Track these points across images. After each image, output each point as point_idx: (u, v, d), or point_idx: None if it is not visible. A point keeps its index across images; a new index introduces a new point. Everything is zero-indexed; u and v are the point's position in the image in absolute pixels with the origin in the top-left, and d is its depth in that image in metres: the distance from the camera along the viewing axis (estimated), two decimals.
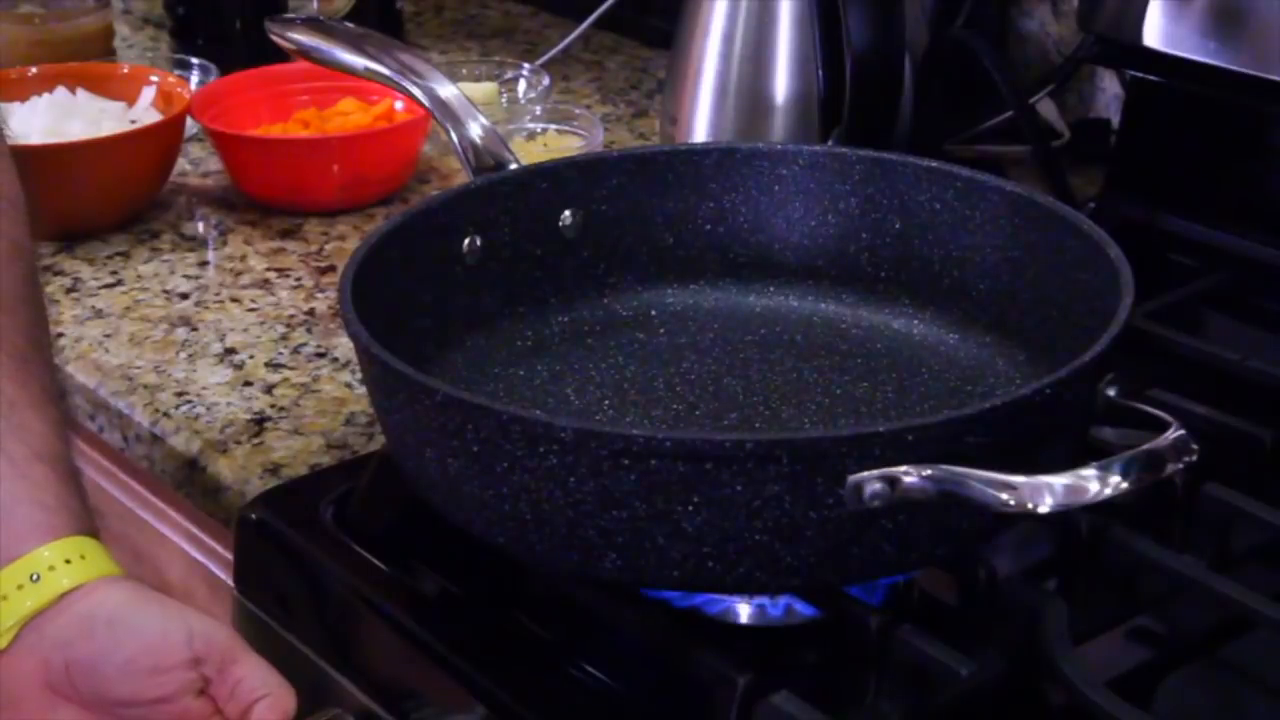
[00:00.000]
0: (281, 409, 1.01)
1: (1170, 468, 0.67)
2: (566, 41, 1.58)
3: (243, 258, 1.22)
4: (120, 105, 1.32)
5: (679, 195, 0.94)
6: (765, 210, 0.94)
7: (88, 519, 0.76)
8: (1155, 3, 1.07)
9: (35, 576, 0.73)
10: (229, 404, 1.02)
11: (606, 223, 0.93)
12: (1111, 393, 0.77)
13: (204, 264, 1.22)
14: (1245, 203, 1.08)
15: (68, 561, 0.73)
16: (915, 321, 0.91)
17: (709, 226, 0.94)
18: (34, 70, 1.34)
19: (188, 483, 0.99)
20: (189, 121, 1.29)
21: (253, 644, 0.85)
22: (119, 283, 1.18)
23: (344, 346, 1.08)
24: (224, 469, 0.96)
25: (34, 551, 0.73)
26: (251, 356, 1.08)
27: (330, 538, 0.85)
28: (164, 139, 1.27)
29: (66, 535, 0.74)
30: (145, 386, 1.04)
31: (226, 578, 0.90)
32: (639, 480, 0.67)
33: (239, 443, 0.98)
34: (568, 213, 0.92)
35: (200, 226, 1.28)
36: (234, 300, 1.15)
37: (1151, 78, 1.11)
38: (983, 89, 1.18)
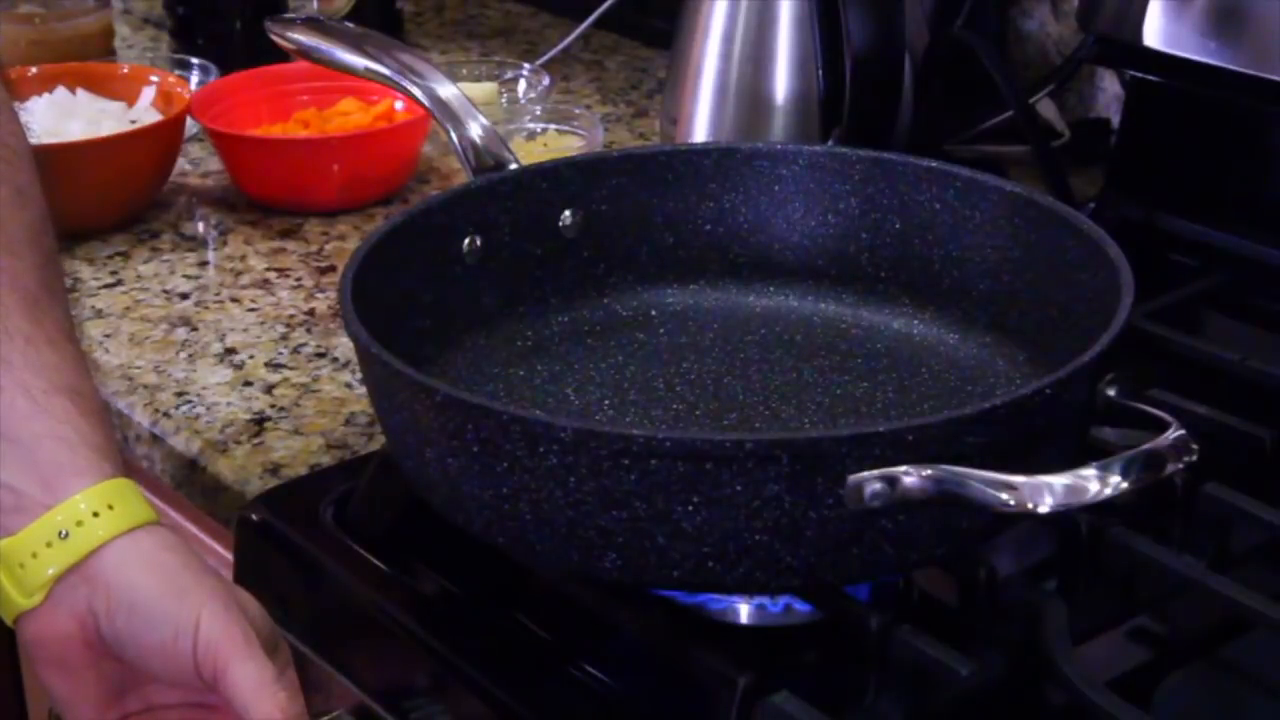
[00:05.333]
0: (281, 409, 1.01)
1: (1170, 468, 0.67)
2: (566, 41, 1.58)
3: (243, 258, 1.22)
4: (120, 105, 1.32)
5: (679, 195, 0.94)
6: (765, 210, 0.94)
7: (114, 455, 0.74)
8: (1155, 3, 1.07)
9: (64, 533, 0.71)
10: (229, 404, 1.02)
11: (606, 223, 0.93)
12: (1111, 393, 0.77)
13: (204, 264, 1.22)
14: (1245, 203, 1.08)
15: (96, 514, 0.72)
16: (915, 321, 0.91)
17: (709, 226, 0.94)
18: (34, 70, 1.34)
19: (188, 483, 0.99)
20: (189, 121, 1.29)
21: None
22: (119, 283, 1.19)
23: (344, 346, 1.08)
24: (224, 469, 0.96)
25: (61, 505, 0.72)
26: (251, 356, 1.08)
27: (330, 538, 0.85)
28: (164, 139, 1.27)
29: (94, 481, 0.72)
30: (145, 386, 1.04)
31: (226, 577, 0.90)
32: (639, 480, 0.67)
33: (239, 443, 0.98)
34: (568, 213, 0.92)
35: (200, 226, 1.28)
36: (234, 300, 1.15)
37: (1151, 78, 1.11)
38: (983, 89, 1.18)
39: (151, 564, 0.73)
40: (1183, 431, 0.68)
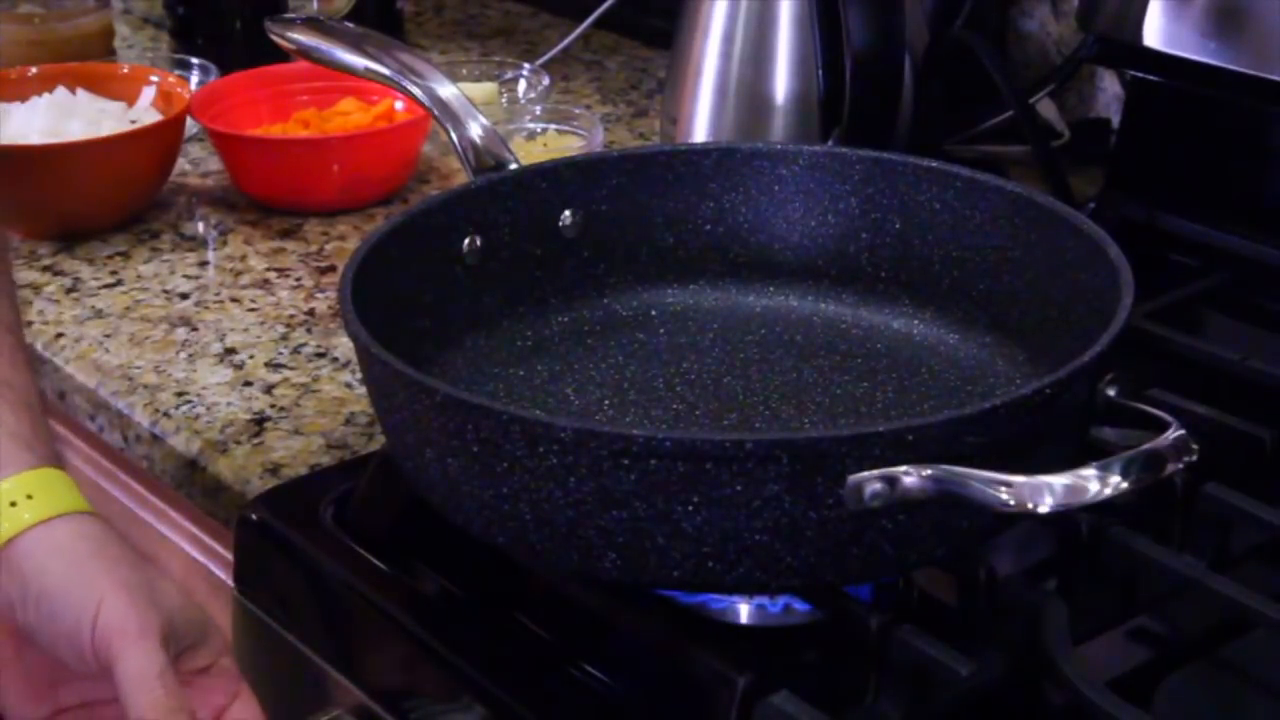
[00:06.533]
0: (281, 409, 1.01)
1: (1170, 468, 0.67)
2: (566, 41, 1.58)
3: (243, 258, 1.22)
4: (120, 105, 1.32)
5: (679, 195, 0.94)
6: (765, 210, 0.94)
7: (41, 446, 0.74)
8: (1155, 3, 1.07)
9: None
10: (229, 404, 1.02)
11: (606, 223, 0.93)
12: (1111, 393, 0.77)
13: (204, 264, 1.22)
14: (1245, 203, 1.08)
15: (13, 504, 0.71)
16: (915, 321, 0.91)
17: (709, 226, 0.94)
18: (34, 70, 1.34)
19: (188, 483, 0.99)
20: (189, 121, 1.29)
21: (253, 644, 0.85)
22: (119, 283, 1.18)
23: (344, 346, 1.08)
24: (224, 469, 0.96)
25: None
26: (251, 356, 1.08)
27: (330, 538, 0.85)
28: (164, 139, 1.27)
29: (14, 471, 0.72)
30: (145, 386, 1.04)
31: (226, 578, 0.90)
32: (639, 480, 0.67)
33: (239, 443, 0.98)
34: (568, 213, 0.92)
35: (200, 226, 1.28)
36: (234, 300, 1.15)
37: (1151, 78, 1.11)
38: (983, 89, 1.18)
39: (62, 552, 0.72)
40: (1183, 431, 0.68)
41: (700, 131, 1.16)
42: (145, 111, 1.32)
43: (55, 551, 0.72)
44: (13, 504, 0.72)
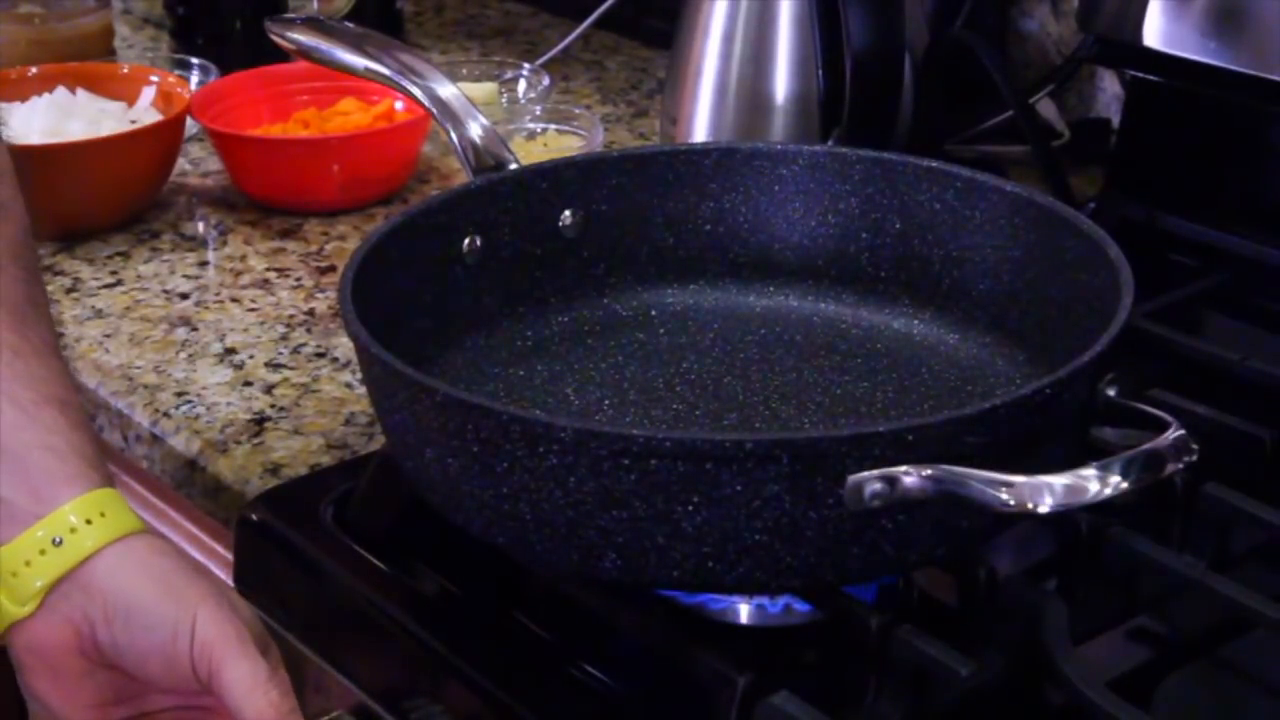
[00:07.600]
0: (281, 409, 1.01)
1: (1170, 468, 0.67)
2: (566, 41, 1.58)
3: (243, 258, 1.22)
4: (120, 105, 1.32)
5: (679, 195, 0.94)
6: (765, 210, 0.94)
7: (102, 466, 0.75)
8: (1155, 3, 1.07)
9: (57, 540, 0.72)
10: (229, 404, 1.02)
11: (606, 223, 0.93)
12: (1111, 393, 0.77)
13: (204, 264, 1.22)
14: (1245, 203, 1.08)
15: (88, 522, 0.72)
16: (915, 321, 0.91)
17: (709, 226, 0.94)
18: (34, 70, 1.34)
19: (188, 483, 0.99)
20: (189, 121, 1.29)
21: None
22: (119, 283, 1.18)
23: (344, 346, 1.08)
24: (224, 469, 0.96)
25: (54, 513, 0.72)
26: (251, 356, 1.08)
27: (330, 538, 0.85)
28: (164, 139, 1.27)
29: (84, 490, 0.73)
30: (145, 386, 1.04)
31: (226, 578, 0.90)
32: (639, 480, 0.67)
33: (239, 443, 0.98)
34: (568, 213, 0.92)
35: (200, 226, 1.28)
36: (234, 300, 1.15)
37: (1151, 78, 1.11)
38: (983, 89, 1.18)
39: (145, 568, 0.73)
40: (1183, 431, 0.68)
41: (700, 131, 1.16)
42: (145, 111, 1.32)
43: (139, 567, 0.73)
44: (87, 522, 0.73)
